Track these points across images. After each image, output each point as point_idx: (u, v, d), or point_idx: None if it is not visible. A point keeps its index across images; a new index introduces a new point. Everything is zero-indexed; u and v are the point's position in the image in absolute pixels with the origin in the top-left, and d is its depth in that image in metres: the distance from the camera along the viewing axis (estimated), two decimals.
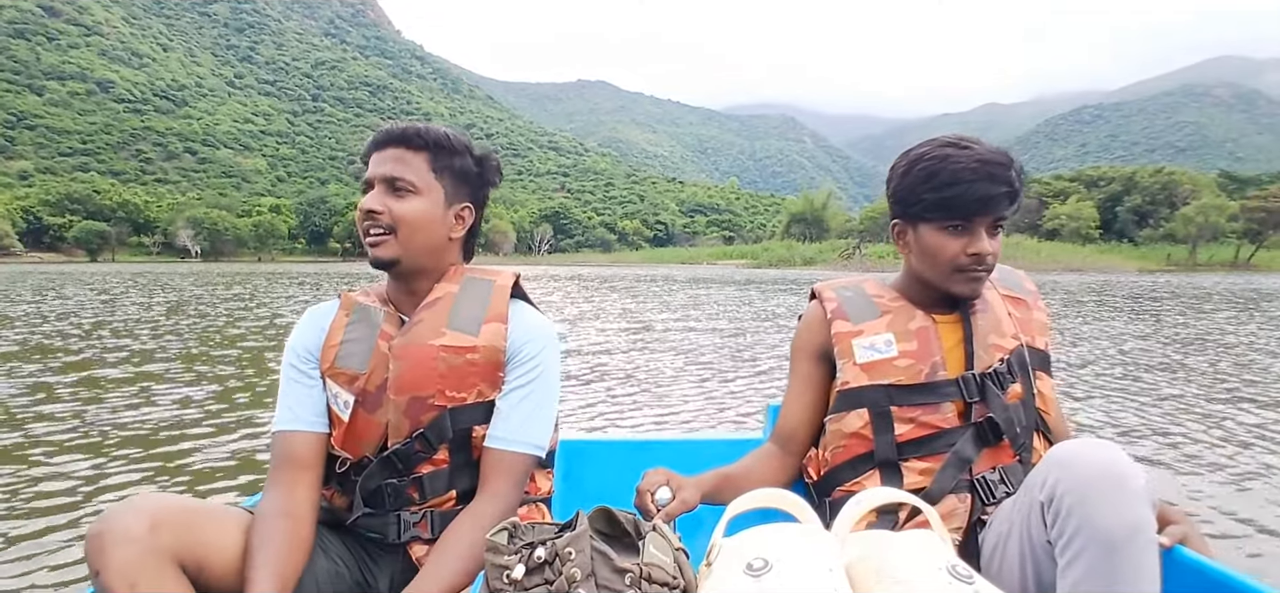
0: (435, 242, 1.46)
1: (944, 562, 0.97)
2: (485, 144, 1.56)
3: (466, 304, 1.44)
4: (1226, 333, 10.94)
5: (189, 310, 14.70)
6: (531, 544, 1.04)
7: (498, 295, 1.47)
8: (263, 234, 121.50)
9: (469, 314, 1.43)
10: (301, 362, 1.46)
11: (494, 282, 1.49)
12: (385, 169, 1.41)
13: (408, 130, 1.44)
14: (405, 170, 1.41)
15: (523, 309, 1.49)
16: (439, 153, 1.45)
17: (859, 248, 70.93)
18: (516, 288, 1.51)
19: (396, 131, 1.44)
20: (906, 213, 1.49)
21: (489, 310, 1.44)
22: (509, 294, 1.48)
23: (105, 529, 1.08)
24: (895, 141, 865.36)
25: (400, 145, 1.43)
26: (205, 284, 27.38)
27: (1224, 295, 22.10)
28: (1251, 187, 76.76)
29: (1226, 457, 4.12)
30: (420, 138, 1.43)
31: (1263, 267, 57.64)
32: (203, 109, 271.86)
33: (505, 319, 1.44)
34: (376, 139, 1.45)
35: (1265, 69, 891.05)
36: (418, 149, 1.43)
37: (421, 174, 1.43)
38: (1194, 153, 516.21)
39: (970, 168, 1.39)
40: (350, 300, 1.51)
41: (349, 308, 1.49)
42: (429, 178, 1.43)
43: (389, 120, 1.46)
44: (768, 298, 19.67)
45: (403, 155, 1.42)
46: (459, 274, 1.50)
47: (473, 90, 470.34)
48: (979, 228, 1.42)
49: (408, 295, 1.48)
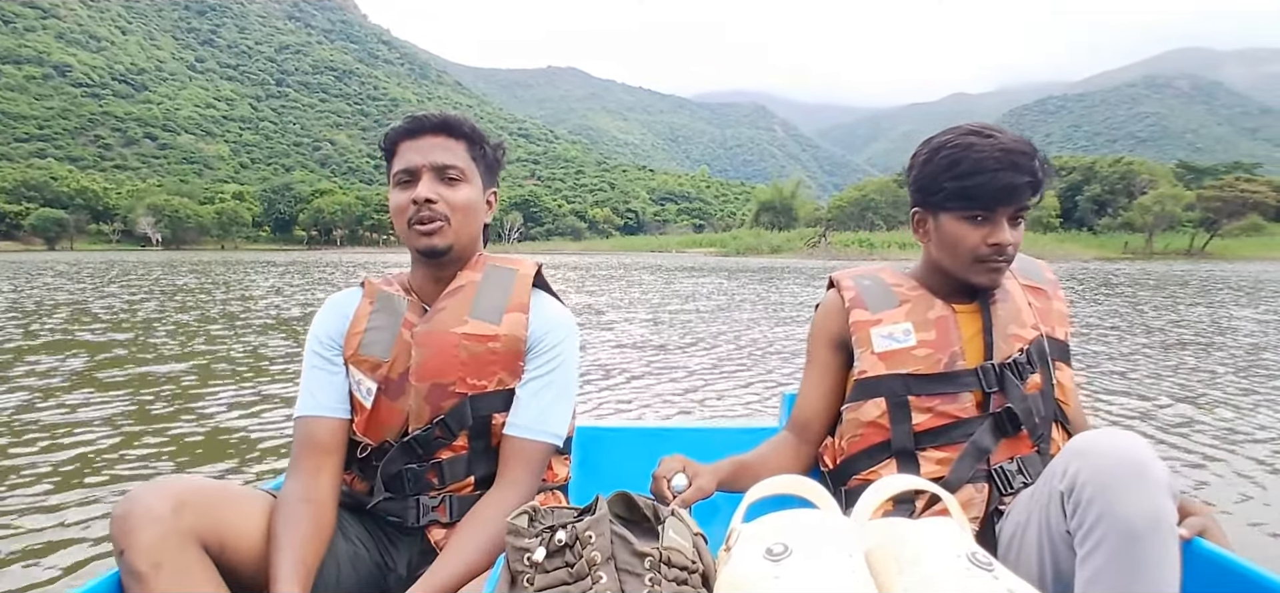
0: (477, 229, 1.48)
1: (964, 549, 0.97)
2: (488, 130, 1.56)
3: (489, 293, 1.45)
4: (1198, 320, 11.34)
5: (194, 296, 14.67)
6: (552, 528, 1.04)
7: (520, 285, 1.47)
8: (226, 222, 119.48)
9: (491, 303, 1.44)
10: (325, 348, 1.47)
11: (517, 271, 1.49)
12: (434, 157, 1.40)
13: (449, 118, 1.44)
14: (454, 158, 1.42)
15: (544, 299, 1.50)
16: (474, 141, 1.46)
17: (824, 237, 71.54)
18: (538, 277, 1.52)
19: (434, 119, 1.43)
20: (927, 202, 1.47)
21: (511, 300, 1.45)
22: (531, 284, 1.49)
23: (130, 510, 1.09)
24: (865, 131, 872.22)
25: (443, 133, 1.43)
26: (197, 273, 27.00)
27: (1185, 282, 22.72)
28: (1208, 177, 78.49)
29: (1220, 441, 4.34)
30: (460, 126, 1.44)
31: (1217, 255, 59.06)
32: (163, 94, 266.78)
33: (527, 309, 1.45)
34: (408, 127, 1.43)
35: (1226, 61, 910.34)
36: (459, 137, 1.44)
37: (465, 161, 1.44)
38: (1155, 143, 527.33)
39: (994, 157, 1.37)
40: (374, 288, 1.51)
41: (372, 296, 1.50)
42: (471, 165, 1.45)
43: (356, 106, 1.48)
44: (741, 286, 19.90)
45: (448, 143, 1.42)
46: (482, 263, 1.50)
47: (441, 76, 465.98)
48: (1000, 218, 1.40)
49: (433, 283, 1.48)
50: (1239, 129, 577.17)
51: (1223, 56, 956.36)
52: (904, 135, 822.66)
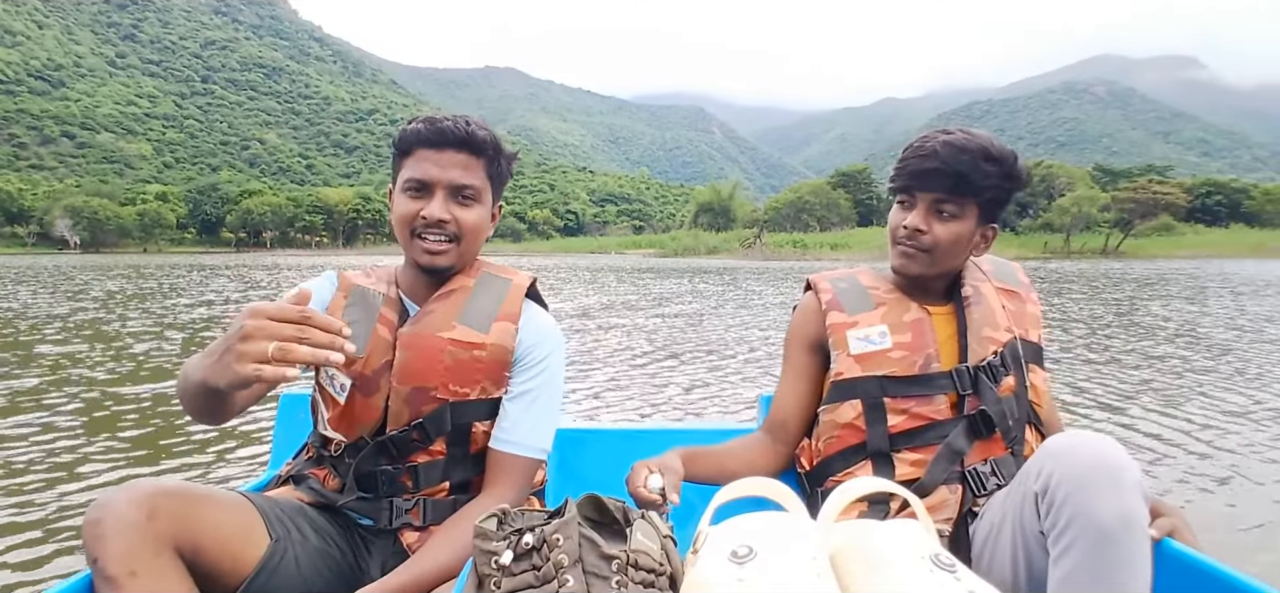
0: (480, 244, 1.47)
1: (928, 551, 0.98)
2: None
3: (480, 300, 1.43)
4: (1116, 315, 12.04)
5: (157, 297, 14.28)
6: (520, 530, 1.04)
7: (513, 295, 1.45)
8: (148, 224, 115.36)
9: (482, 311, 1.42)
10: None
11: (511, 281, 1.48)
12: (453, 175, 1.37)
13: (474, 136, 1.38)
14: (472, 177, 1.39)
15: (534, 311, 1.49)
16: (494, 159, 1.43)
17: (759, 237, 72.80)
18: (532, 289, 1.50)
19: (459, 134, 1.37)
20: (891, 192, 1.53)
21: (502, 309, 1.43)
22: (524, 295, 1.47)
23: (103, 516, 1.06)
24: (801, 134, 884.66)
25: (466, 151, 1.38)
26: (126, 277, 26.09)
27: (1108, 280, 23.93)
28: (1123, 179, 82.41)
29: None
30: (484, 146, 1.40)
31: (1130, 253, 61.96)
32: (82, 90, 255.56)
33: (517, 320, 1.43)
34: (429, 137, 1.38)
35: (1140, 68, 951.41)
36: (481, 155, 1.40)
37: (482, 181, 1.41)
38: (1074, 147, 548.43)
39: (929, 148, 1.42)
40: (349, 282, 1.49)
41: (347, 290, 1.48)
42: (485, 183, 1.42)
43: (287, 104, 1.38)
44: (670, 282, 20.25)
45: (469, 162, 1.39)
46: (478, 269, 1.48)
47: (375, 74, 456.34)
48: (920, 205, 1.45)
49: (425, 285, 1.46)
50: (1152, 133, 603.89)
51: (1137, 64, 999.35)
52: (838, 138, 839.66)
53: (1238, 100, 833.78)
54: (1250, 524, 3.14)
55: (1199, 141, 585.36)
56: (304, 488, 1.43)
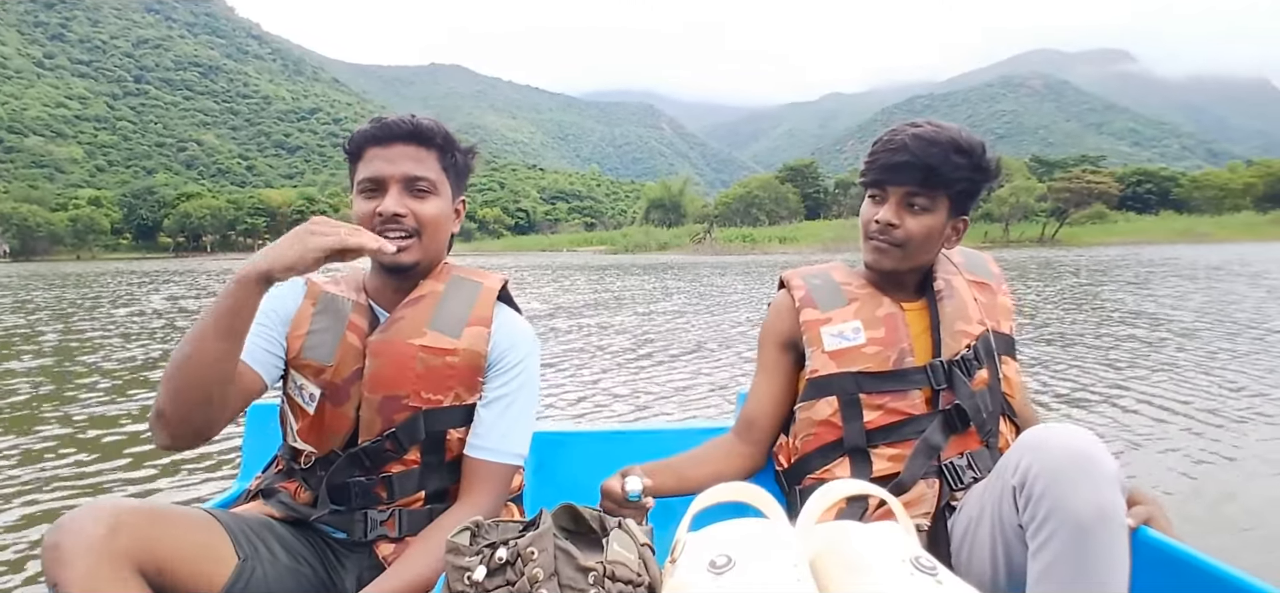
0: (444, 241, 1.44)
1: (908, 554, 0.97)
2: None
3: (450, 305, 1.40)
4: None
5: (119, 308, 13.82)
6: (493, 545, 1.02)
7: (484, 299, 1.43)
8: (81, 230, 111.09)
9: (452, 315, 1.39)
10: (263, 317, 1.38)
11: (482, 284, 1.45)
12: (404, 167, 1.35)
13: (420, 126, 1.37)
14: (425, 169, 1.37)
15: (507, 314, 1.47)
16: (446, 149, 1.41)
17: (709, 232, 73.42)
18: (503, 291, 1.48)
19: (405, 126, 1.36)
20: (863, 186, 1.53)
21: (473, 313, 1.40)
22: (495, 298, 1.45)
23: (63, 539, 1.02)
24: (748, 129, 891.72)
25: (414, 142, 1.37)
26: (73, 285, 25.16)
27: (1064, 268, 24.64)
28: (1058, 169, 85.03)
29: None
30: (432, 134, 1.38)
31: (1066, 241, 63.94)
32: (9, 93, 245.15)
33: (489, 324, 1.41)
34: (376, 133, 1.37)
35: (1075, 62, 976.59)
36: (431, 146, 1.38)
37: (436, 172, 1.39)
38: (1011, 139, 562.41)
39: (898, 140, 1.42)
40: (317, 289, 1.45)
41: (315, 297, 1.44)
42: (441, 175, 1.40)
43: (225, 104, 1.37)
44: (634, 278, 20.35)
45: (419, 154, 1.37)
46: (446, 273, 1.45)
47: (317, 72, 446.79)
48: (891, 198, 1.45)
49: (393, 291, 1.43)
50: (1086, 125, 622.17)
51: (1072, 58, 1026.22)
52: (785, 133, 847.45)
53: (1167, 92, 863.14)
54: (1228, 505, 3.21)
55: (1130, 132, 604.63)
56: (274, 502, 1.39)
